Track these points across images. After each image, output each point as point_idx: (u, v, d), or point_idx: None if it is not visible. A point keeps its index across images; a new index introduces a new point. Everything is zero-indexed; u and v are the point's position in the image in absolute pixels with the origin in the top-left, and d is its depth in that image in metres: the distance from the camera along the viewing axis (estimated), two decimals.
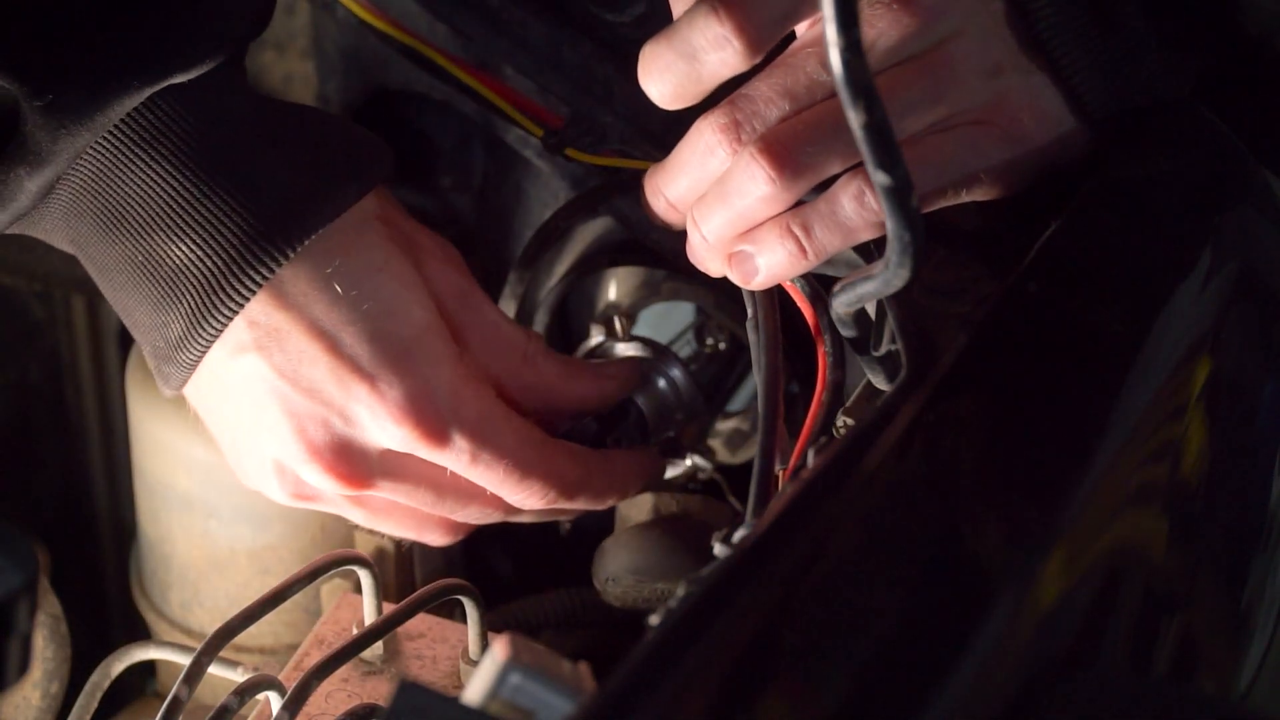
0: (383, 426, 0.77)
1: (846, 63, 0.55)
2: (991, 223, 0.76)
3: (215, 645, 0.73)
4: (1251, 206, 0.78)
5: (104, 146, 0.73)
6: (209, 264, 0.74)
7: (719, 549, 0.64)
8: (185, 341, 0.76)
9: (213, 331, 0.75)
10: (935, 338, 0.69)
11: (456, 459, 0.78)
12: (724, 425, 0.98)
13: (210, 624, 0.90)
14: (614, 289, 0.93)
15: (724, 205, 0.71)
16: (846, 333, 0.73)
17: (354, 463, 0.77)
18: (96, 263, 0.77)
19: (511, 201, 0.94)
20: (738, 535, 0.64)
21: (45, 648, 0.88)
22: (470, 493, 0.81)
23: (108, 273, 0.77)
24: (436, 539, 0.84)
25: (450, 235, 0.97)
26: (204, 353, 0.76)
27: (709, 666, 0.52)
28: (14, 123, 0.72)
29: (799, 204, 0.71)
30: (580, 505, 0.83)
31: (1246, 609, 0.74)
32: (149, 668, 1.00)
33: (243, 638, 0.75)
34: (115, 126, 0.73)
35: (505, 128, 0.88)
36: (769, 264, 0.72)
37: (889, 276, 0.62)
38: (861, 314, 0.72)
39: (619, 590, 0.85)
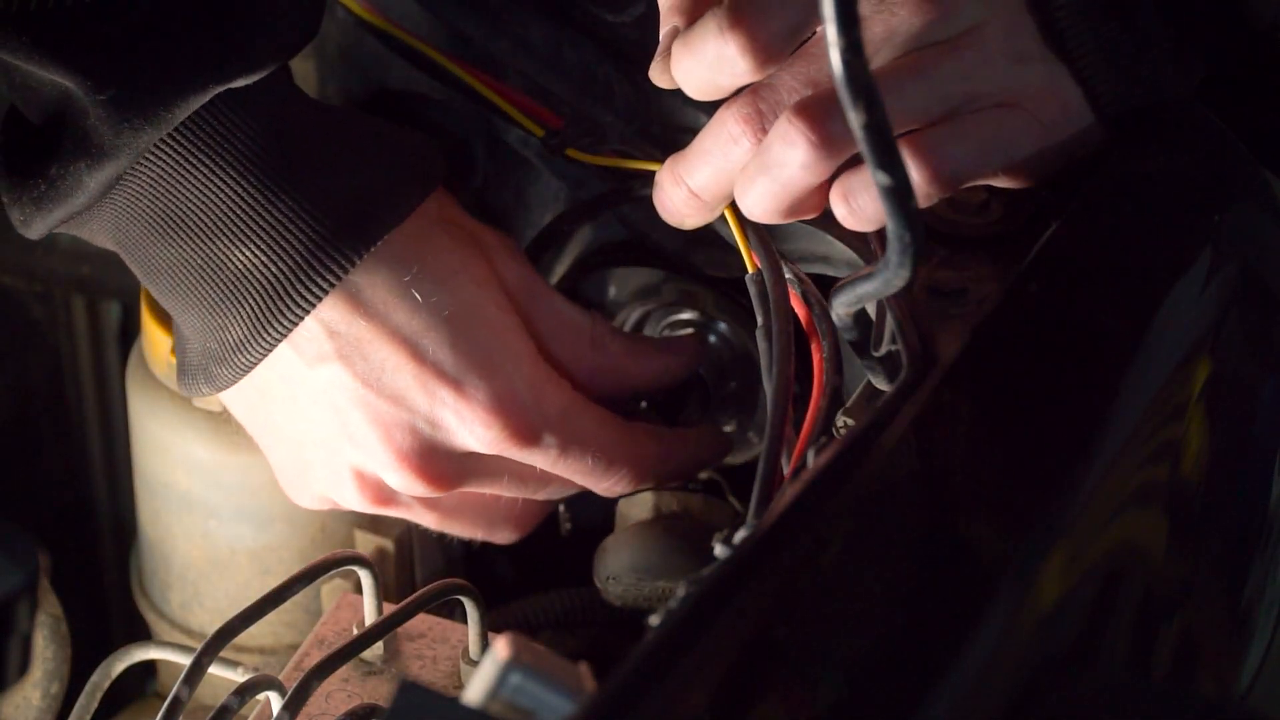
0: (471, 430, 0.78)
1: (847, 63, 0.55)
2: (992, 223, 0.76)
3: (215, 645, 0.73)
4: (1251, 206, 0.78)
5: (165, 152, 0.73)
6: (275, 269, 0.75)
7: (719, 549, 0.64)
8: (246, 344, 0.76)
9: (277, 335, 0.76)
10: (935, 338, 0.69)
11: (545, 455, 0.80)
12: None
13: (210, 624, 0.90)
14: (614, 289, 0.93)
15: (765, 176, 0.71)
16: (847, 335, 0.73)
17: (441, 466, 0.79)
18: (146, 265, 0.77)
19: (511, 202, 0.94)
20: (738, 536, 0.64)
21: (45, 648, 0.88)
22: (552, 483, 0.82)
23: (158, 275, 0.77)
24: (506, 537, 0.86)
25: None
26: (264, 355, 0.77)
27: (709, 667, 0.52)
28: (71, 119, 0.72)
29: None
30: (654, 482, 0.85)
31: (1246, 609, 0.74)
32: (149, 668, 1.00)
33: (243, 638, 0.75)
34: (177, 132, 0.73)
35: (505, 128, 0.87)
36: None
37: (889, 276, 0.62)
38: (861, 314, 0.72)
39: (619, 589, 0.85)
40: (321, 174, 0.75)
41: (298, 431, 0.80)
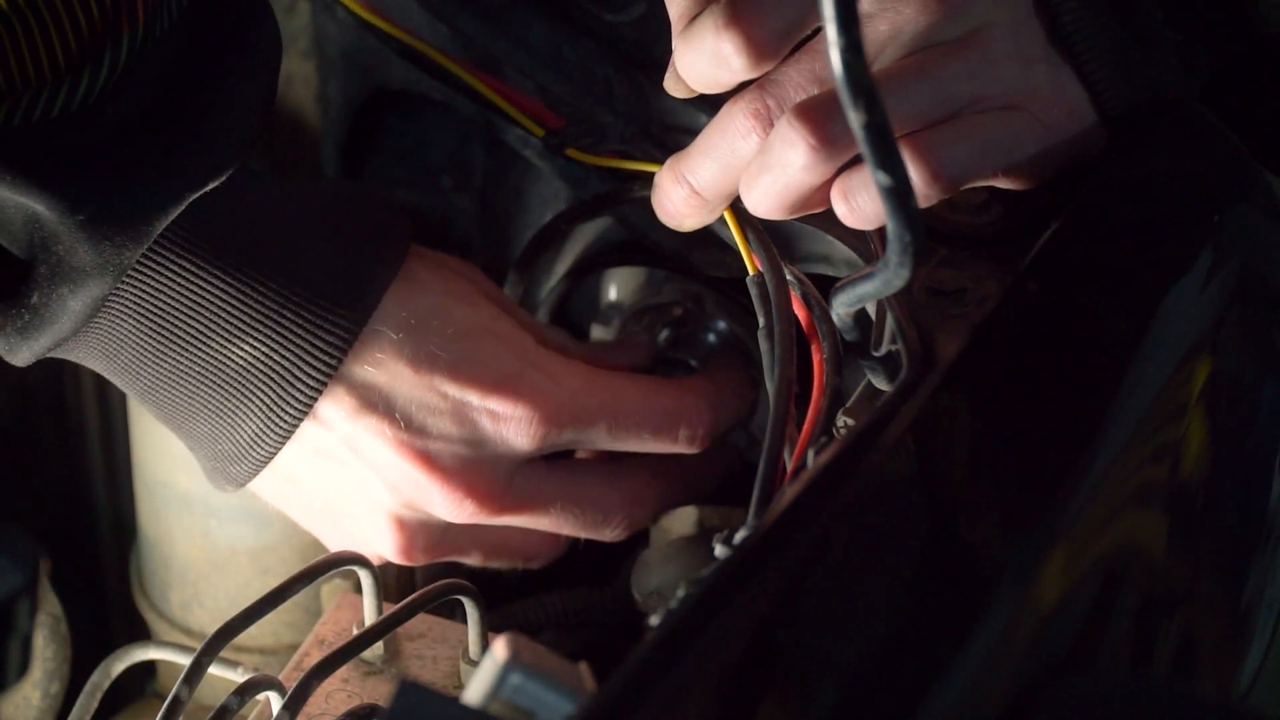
0: (515, 433, 0.78)
1: (847, 63, 0.55)
2: (992, 223, 0.76)
3: (215, 645, 0.73)
4: (1251, 206, 0.78)
5: (147, 265, 0.73)
6: (278, 358, 0.75)
7: (720, 550, 0.64)
8: (261, 438, 0.76)
9: (293, 421, 0.76)
10: (935, 338, 0.69)
11: (598, 432, 0.80)
12: None
13: (210, 624, 0.90)
14: (614, 289, 0.93)
15: (768, 174, 0.71)
16: (848, 335, 0.73)
17: (489, 484, 0.79)
18: (142, 383, 0.77)
19: (511, 202, 0.94)
20: (738, 536, 0.64)
21: (45, 648, 0.88)
22: (599, 491, 0.83)
23: (156, 390, 0.77)
24: (547, 559, 0.86)
25: (450, 235, 0.97)
26: (282, 444, 0.77)
27: (709, 667, 0.52)
28: (42, 244, 0.70)
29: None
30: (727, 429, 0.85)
31: (1246, 609, 0.74)
32: (149, 668, 1.00)
33: (243, 638, 0.75)
34: (154, 242, 0.72)
35: (505, 128, 0.87)
36: None
37: (889, 276, 0.62)
38: (861, 314, 0.72)
39: (662, 604, 0.84)
40: (302, 254, 0.75)
41: (330, 501, 0.81)
